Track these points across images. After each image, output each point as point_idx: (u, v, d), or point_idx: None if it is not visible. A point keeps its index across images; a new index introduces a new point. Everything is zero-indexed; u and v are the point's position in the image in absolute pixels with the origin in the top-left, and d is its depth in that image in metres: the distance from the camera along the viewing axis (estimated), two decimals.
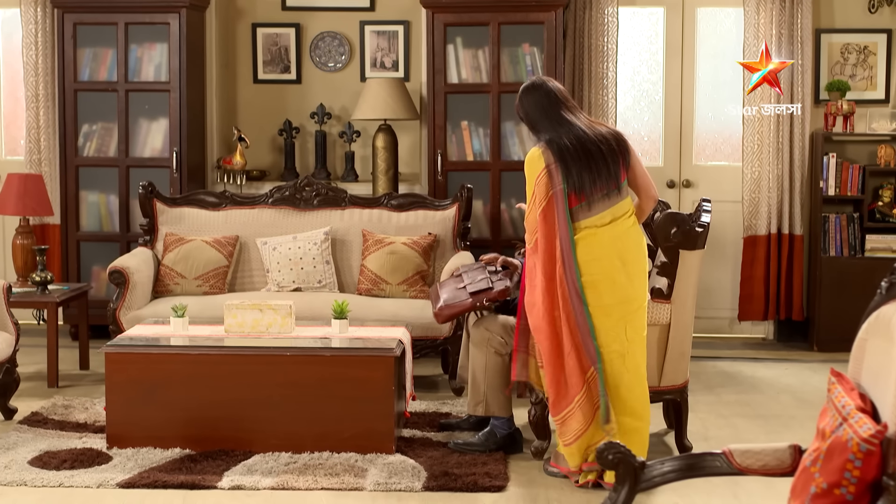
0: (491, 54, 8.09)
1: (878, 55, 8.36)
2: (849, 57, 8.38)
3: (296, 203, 7.62)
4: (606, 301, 5.35)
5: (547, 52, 8.01)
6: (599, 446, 3.61)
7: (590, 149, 5.36)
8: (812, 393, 7.21)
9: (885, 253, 8.19)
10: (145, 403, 5.86)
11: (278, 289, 7.30)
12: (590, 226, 5.35)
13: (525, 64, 8.12)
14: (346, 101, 8.72)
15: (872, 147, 8.34)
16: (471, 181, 7.96)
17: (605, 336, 5.36)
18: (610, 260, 5.36)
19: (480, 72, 8.15)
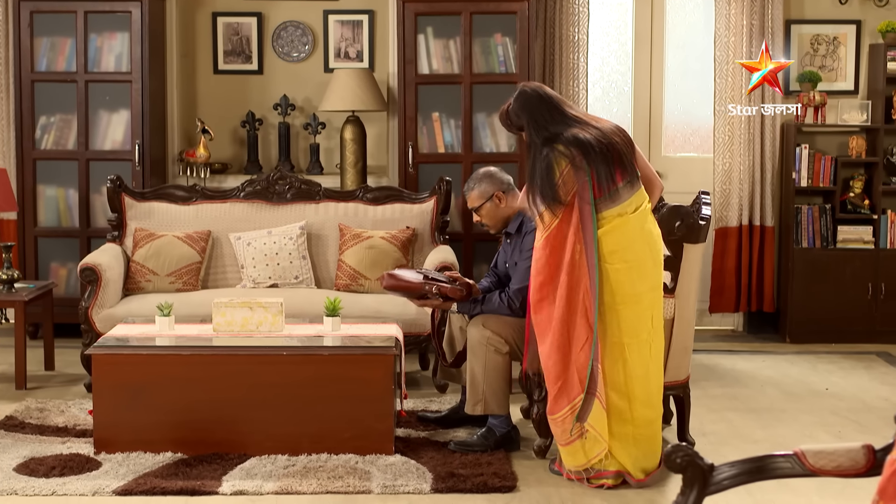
0: (462, 44, 7.95)
1: (847, 46, 8.36)
2: (819, 48, 8.37)
3: (268, 197, 7.42)
4: (639, 288, 5.27)
5: (519, 43, 7.89)
6: (667, 450, 3.49)
7: (609, 140, 5.28)
8: (795, 385, 7.19)
9: (857, 244, 8.20)
10: (134, 406, 5.64)
11: (254, 285, 7.10)
12: (618, 215, 5.26)
13: (497, 54, 7.99)
14: (309, 92, 8.52)
15: (842, 138, 8.35)
16: (442, 174, 7.82)
17: (633, 325, 5.28)
18: (641, 246, 5.30)
19: (452, 62, 8.01)
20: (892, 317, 8.20)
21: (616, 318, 5.28)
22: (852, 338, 8.22)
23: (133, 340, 5.84)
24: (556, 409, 5.34)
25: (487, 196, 5.98)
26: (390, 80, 8.38)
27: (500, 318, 5.78)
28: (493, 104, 8.00)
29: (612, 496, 5.23)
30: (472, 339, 5.77)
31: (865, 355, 7.96)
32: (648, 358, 5.36)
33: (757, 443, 6.03)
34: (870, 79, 8.32)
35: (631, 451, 5.35)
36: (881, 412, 6.60)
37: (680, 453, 3.50)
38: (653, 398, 5.40)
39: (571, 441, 5.34)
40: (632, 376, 5.31)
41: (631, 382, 5.31)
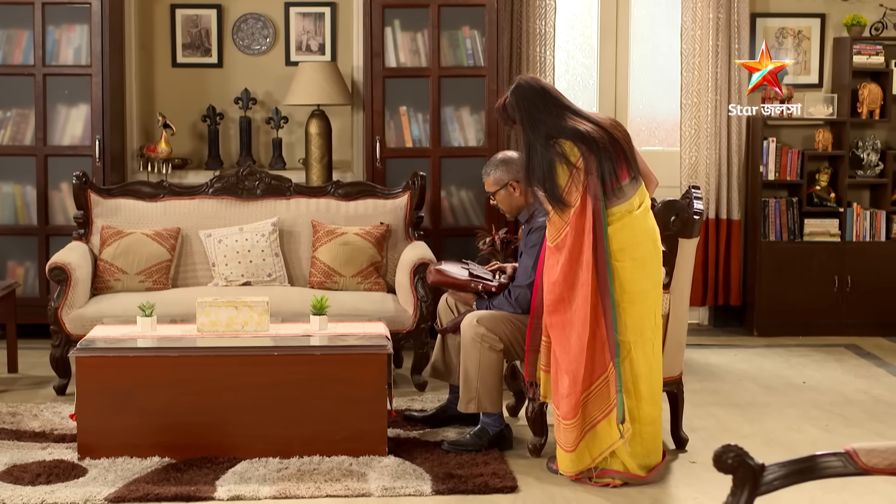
0: (430, 37, 7.84)
1: (812, 39, 8.39)
2: (784, 41, 8.38)
3: (238, 193, 7.25)
4: (645, 286, 5.23)
5: (488, 35, 7.80)
6: (717, 450, 3.42)
7: (611, 135, 5.22)
8: (771, 379, 7.19)
9: (823, 237, 8.22)
10: (119, 410, 5.47)
11: (226, 283, 6.94)
12: (627, 211, 5.20)
13: (465, 47, 7.89)
14: (270, 85, 8.37)
15: (807, 131, 8.37)
16: (410, 168, 7.72)
17: (639, 323, 5.24)
18: (647, 243, 5.27)
19: (419, 55, 7.89)
20: (858, 309, 8.24)
21: (623, 316, 5.22)
22: (819, 331, 8.25)
23: (116, 342, 5.66)
24: (574, 413, 5.23)
25: (502, 184, 5.88)
26: (355, 74, 8.25)
27: (495, 314, 5.69)
28: (461, 98, 7.92)
29: (616, 495, 5.17)
30: (465, 336, 5.67)
31: (835, 348, 7.99)
32: (651, 356, 5.31)
33: (747, 437, 6.02)
34: (834, 72, 8.34)
35: (636, 449, 5.30)
36: (863, 405, 6.61)
37: (731, 454, 3.43)
38: (655, 396, 5.36)
39: (577, 445, 5.25)
40: (638, 375, 5.26)
41: (637, 381, 5.26)
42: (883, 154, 8.27)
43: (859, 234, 8.23)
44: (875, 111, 8.16)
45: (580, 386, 5.19)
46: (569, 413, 5.23)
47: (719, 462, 3.44)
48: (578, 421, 5.22)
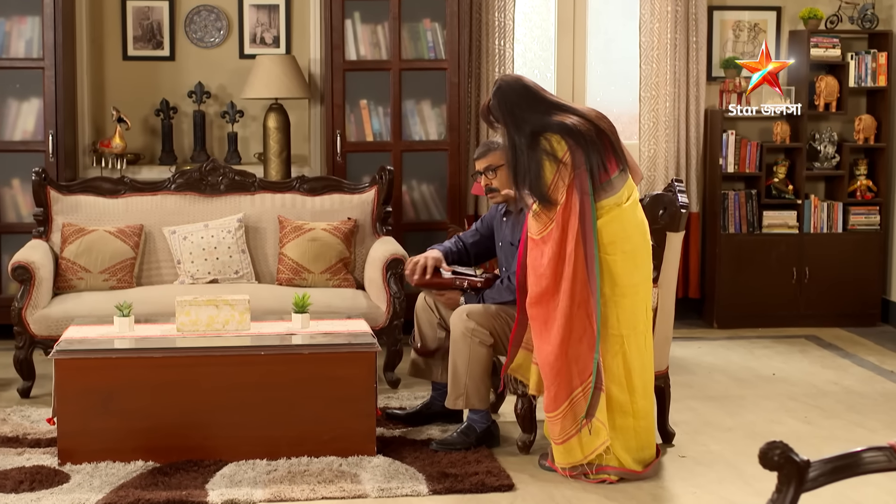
0: (391, 30, 7.73)
1: (767, 32, 8.41)
2: (740, 34, 8.40)
3: (201, 189, 7.10)
4: (636, 279, 5.20)
5: (449, 28, 7.72)
6: (763, 447, 3.37)
7: (598, 127, 5.17)
8: (741, 371, 7.20)
9: (782, 229, 8.27)
10: (101, 413, 5.31)
11: (192, 281, 6.79)
12: (616, 204, 5.16)
13: (426, 40, 7.80)
14: (224, 79, 8.20)
15: (764, 124, 8.41)
16: (371, 162, 7.65)
17: (631, 317, 5.21)
18: (637, 236, 5.24)
19: (380, 48, 7.79)
20: (816, 300, 8.30)
21: (615, 309, 5.19)
22: (778, 322, 8.29)
23: (96, 343, 5.49)
24: (555, 406, 5.19)
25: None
26: (312, 67, 8.12)
27: (485, 308, 5.61)
28: (422, 91, 7.83)
29: (613, 491, 5.13)
30: (455, 331, 5.59)
31: (796, 339, 8.04)
32: (644, 349, 5.29)
33: (730, 430, 6.01)
34: (791, 65, 8.37)
35: (631, 444, 5.27)
36: (837, 397, 6.65)
37: (777, 451, 3.39)
38: (648, 389, 5.34)
39: (568, 438, 5.21)
40: (631, 368, 5.23)
41: (631, 375, 5.23)
42: (839, 146, 8.33)
43: (817, 226, 8.28)
44: (832, 104, 8.21)
45: (571, 381, 5.14)
46: (549, 405, 5.20)
47: (765, 459, 3.39)
48: (561, 415, 5.16)
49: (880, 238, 8.36)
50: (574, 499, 5.03)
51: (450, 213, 7.83)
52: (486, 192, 5.82)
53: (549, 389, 5.21)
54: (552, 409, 5.21)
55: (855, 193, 8.35)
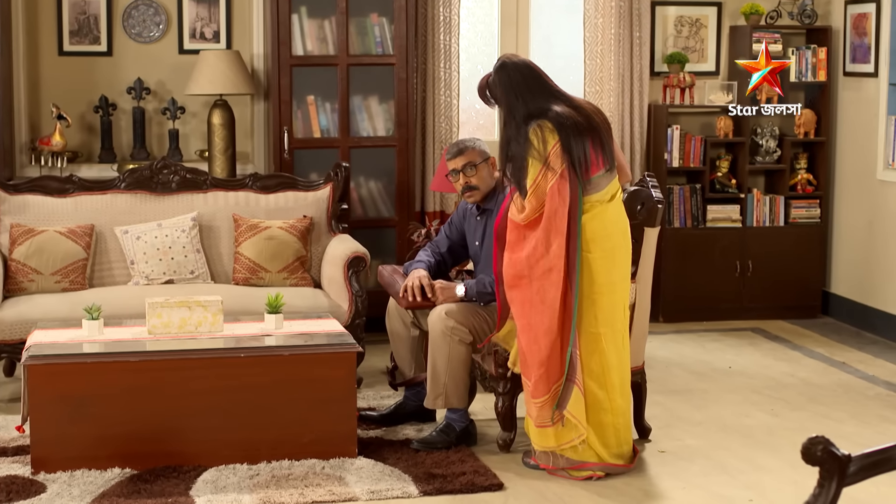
0: (338, 25, 7.63)
1: (709, 28, 8.48)
2: (682, 29, 8.45)
3: (152, 187, 6.92)
4: (614, 277, 5.20)
5: (396, 23, 7.64)
6: (805, 443, 3.36)
7: (594, 121, 5.15)
8: (697, 365, 7.25)
9: (725, 223, 8.34)
10: (75, 420, 5.15)
11: (147, 282, 6.62)
12: (598, 201, 5.15)
13: (374, 35, 7.71)
14: (163, 74, 8.02)
15: (706, 118, 8.47)
16: (319, 159, 7.56)
17: (609, 315, 5.20)
18: (617, 235, 5.24)
19: (327, 43, 7.68)
20: (759, 293, 8.39)
21: (593, 308, 5.17)
22: (722, 315, 8.36)
23: (67, 348, 5.32)
24: (537, 393, 5.16)
25: (485, 157, 5.73)
26: (255, 62, 7.98)
27: (463, 307, 5.56)
28: (370, 86, 7.74)
29: (604, 488, 5.12)
30: (434, 331, 5.53)
31: (742, 332, 8.11)
32: (622, 347, 5.28)
33: (701, 424, 6.04)
34: (731, 60, 8.45)
35: (610, 440, 5.26)
36: (797, 389, 6.72)
37: (819, 446, 3.39)
38: (625, 386, 5.34)
39: (544, 425, 5.17)
40: (608, 366, 5.22)
41: (608, 372, 5.22)
42: (780, 140, 8.42)
43: (759, 220, 8.37)
44: (773, 98, 8.29)
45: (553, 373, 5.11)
46: (534, 392, 5.18)
47: (808, 454, 3.39)
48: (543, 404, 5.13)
49: (820, 231, 8.47)
50: (566, 496, 5.01)
51: (398, 210, 7.76)
52: (463, 191, 5.75)
53: (530, 377, 5.17)
54: (536, 396, 5.16)
55: (796, 187, 8.44)
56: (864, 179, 8.12)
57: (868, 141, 8.00)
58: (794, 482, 5.20)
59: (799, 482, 5.19)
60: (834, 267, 8.53)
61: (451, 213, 7.75)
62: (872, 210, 8.03)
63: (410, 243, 7.09)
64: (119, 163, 7.79)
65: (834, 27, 8.35)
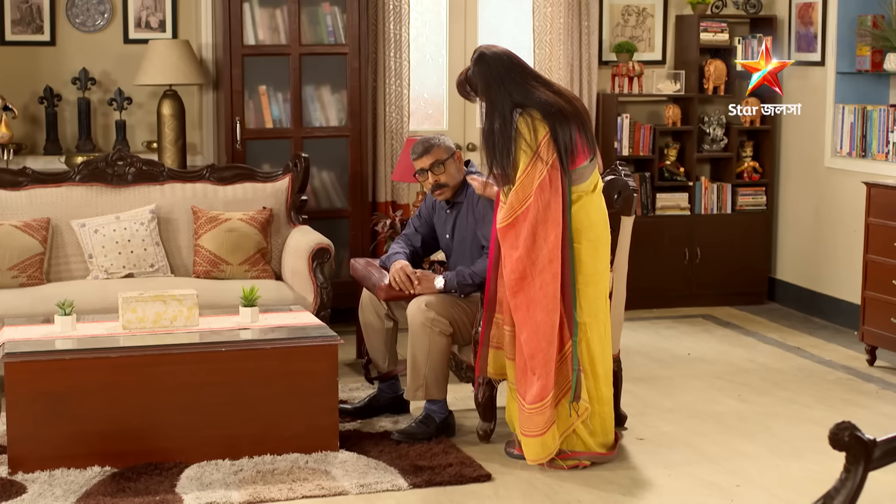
0: (290, 14, 7.54)
1: (655, 17, 8.52)
2: (629, 19, 8.49)
3: (108, 179, 6.79)
4: (598, 267, 5.20)
5: (349, 12, 7.57)
6: (832, 429, 3.39)
7: (577, 108, 5.15)
8: (656, 352, 7.29)
9: (674, 210, 8.40)
10: (53, 418, 5.02)
11: (107, 276, 6.49)
12: (583, 192, 5.15)
13: (326, 24, 7.64)
14: (108, 64, 7.87)
15: (653, 107, 8.52)
16: (271, 150, 7.51)
17: (593, 305, 5.21)
18: (600, 225, 5.23)
19: (279, 33, 7.59)
20: (707, 280, 8.47)
21: (579, 298, 5.17)
22: (672, 302, 8.43)
23: (43, 345, 5.20)
24: (542, 396, 5.10)
25: (451, 152, 5.70)
26: (203, 52, 7.86)
27: (443, 298, 5.53)
28: (322, 76, 7.67)
29: (592, 477, 5.12)
30: (414, 322, 5.49)
31: (693, 318, 8.18)
32: (605, 336, 5.29)
33: (673, 411, 6.08)
34: (677, 49, 8.51)
35: (596, 428, 5.27)
36: (758, 374, 6.79)
37: (846, 431, 3.42)
38: (608, 375, 5.35)
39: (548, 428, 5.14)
40: (594, 356, 5.23)
41: (594, 362, 5.23)
42: (727, 128, 8.50)
43: (707, 207, 8.45)
44: (720, 87, 8.37)
45: (552, 364, 5.09)
46: (537, 396, 5.10)
47: (835, 440, 3.42)
48: (546, 405, 5.10)
49: (766, 218, 8.57)
50: (555, 486, 5.01)
51: (351, 201, 7.70)
52: (433, 189, 5.71)
53: (542, 378, 5.09)
54: (538, 400, 5.10)
55: (742, 175, 8.53)
56: (810, 167, 8.22)
57: (815, 129, 8.11)
58: (775, 467, 5.25)
59: (781, 467, 5.25)
60: (779, 253, 8.64)
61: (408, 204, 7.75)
62: (819, 197, 8.14)
63: (374, 234, 7.04)
64: (65, 154, 7.62)
65: (779, 16, 8.44)
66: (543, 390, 5.08)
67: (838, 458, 5.22)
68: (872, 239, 6.86)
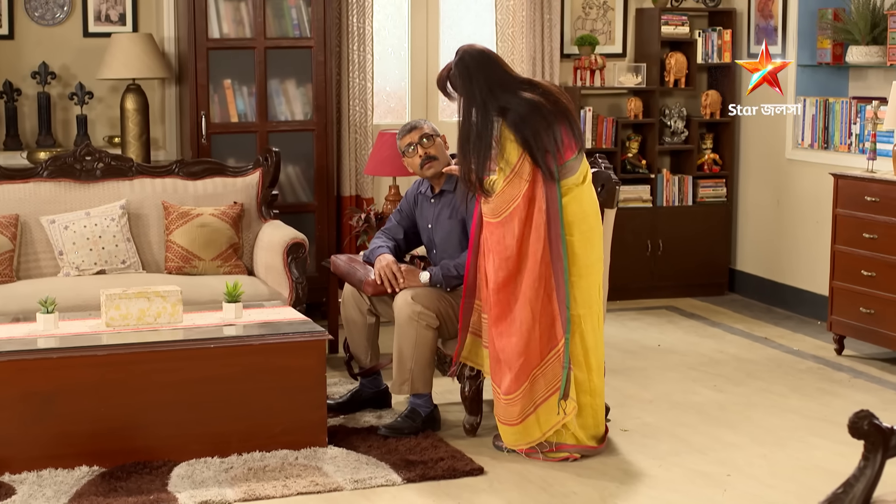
0: (255, 7, 7.48)
1: (616, 10, 8.56)
2: (590, 12, 8.52)
3: (76, 175, 6.69)
4: (591, 259, 5.23)
5: (314, 5, 7.52)
6: (852, 417, 3.44)
7: (562, 105, 5.16)
8: (626, 343, 7.33)
9: (637, 203, 8.45)
10: (39, 418, 4.95)
11: (78, 273, 6.40)
12: (574, 184, 5.16)
13: (291, 17, 7.59)
14: (68, 58, 7.75)
15: (615, 100, 8.56)
16: (236, 144, 7.43)
17: (587, 297, 5.24)
18: (592, 216, 5.25)
19: (244, 26, 7.52)
20: (669, 272, 8.53)
21: (573, 290, 5.19)
22: (635, 294, 8.48)
23: (27, 343, 5.11)
24: (516, 387, 5.14)
25: (437, 133, 5.72)
26: (166, 45, 7.77)
27: (429, 291, 5.52)
28: (287, 70, 7.61)
29: (584, 469, 5.15)
30: (401, 316, 5.47)
31: (658, 310, 8.24)
32: (598, 328, 5.32)
33: (652, 403, 6.12)
34: (637, 42, 8.55)
35: (588, 421, 5.30)
36: (730, 364, 6.85)
37: (865, 420, 3.47)
38: (601, 367, 5.38)
39: (526, 417, 5.17)
40: (588, 347, 5.25)
41: (588, 354, 5.26)
42: (688, 121, 8.56)
43: (669, 199, 8.50)
44: (681, 80, 8.43)
45: (532, 360, 5.11)
46: (511, 387, 5.14)
47: (855, 428, 3.47)
48: (521, 395, 5.13)
49: (727, 210, 8.65)
50: (549, 477, 5.02)
51: (318, 195, 7.65)
52: (422, 164, 5.69)
53: (511, 371, 5.15)
54: (513, 391, 5.15)
55: (702, 167, 8.60)
56: (771, 159, 8.30)
57: (776, 121, 8.19)
58: (762, 456, 5.30)
59: (767, 455, 5.30)
60: (740, 245, 8.72)
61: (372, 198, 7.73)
62: (781, 189, 8.22)
63: (339, 228, 7.00)
64: (26, 150, 7.50)
65: (738, 9, 8.51)
66: (514, 383, 5.09)
67: (822, 448, 5.32)
68: (840, 230, 6.94)
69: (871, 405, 6.06)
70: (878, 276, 6.68)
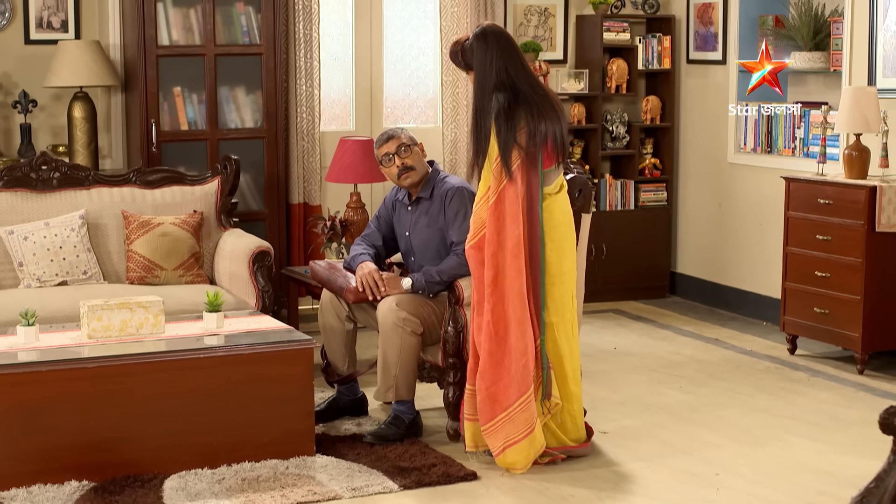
0: (204, 14, 7.41)
1: (556, 17, 8.64)
2: (531, 18, 8.58)
3: (32, 184, 6.56)
4: (564, 268, 5.27)
5: (263, 12, 7.47)
6: (883, 413, 3.51)
7: (558, 114, 5.21)
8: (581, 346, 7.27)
9: None
10: (25, 433, 4.84)
11: (39, 284, 6.28)
12: (548, 194, 5.22)
13: (241, 24, 7.53)
14: (9, 66, 7.59)
15: None
16: (186, 152, 7.35)
17: (560, 305, 5.27)
18: (564, 226, 5.30)
19: (193, 33, 7.44)
20: (613, 275, 8.62)
21: (545, 298, 5.22)
22: None
23: (10, 357, 5.00)
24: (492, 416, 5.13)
25: (414, 142, 5.72)
26: (112, 52, 7.66)
27: (413, 298, 5.52)
28: (237, 77, 7.55)
29: (576, 472, 5.18)
30: (385, 323, 5.46)
31: (604, 314, 8.32)
32: (572, 336, 5.36)
33: (624, 405, 6.19)
34: (578, 49, 8.64)
35: (568, 426, 5.35)
36: (691, 366, 6.96)
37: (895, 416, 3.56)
38: (577, 374, 5.41)
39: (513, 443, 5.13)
40: (562, 355, 5.29)
41: (562, 361, 5.30)
42: (629, 126, 8.66)
43: (612, 204, 8.60)
44: (622, 86, 8.53)
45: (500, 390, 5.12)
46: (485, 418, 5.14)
47: (886, 425, 3.54)
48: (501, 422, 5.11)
49: (667, 214, 8.77)
50: (544, 482, 5.05)
51: (268, 203, 7.60)
52: (399, 174, 5.69)
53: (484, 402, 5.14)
54: (486, 421, 5.14)
55: (643, 171, 8.71)
56: (712, 163, 8.45)
57: (716, 126, 8.34)
58: (744, 455, 5.39)
59: (749, 454, 5.40)
60: (681, 247, 8.85)
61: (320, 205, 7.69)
62: (722, 192, 8.36)
63: (314, 236, 6.96)
64: None
65: (677, 16, 8.65)
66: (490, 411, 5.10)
67: (799, 445, 5.44)
68: (792, 232, 7.08)
69: (835, 402, 6.21)
70: (832, 276, 6.83)
